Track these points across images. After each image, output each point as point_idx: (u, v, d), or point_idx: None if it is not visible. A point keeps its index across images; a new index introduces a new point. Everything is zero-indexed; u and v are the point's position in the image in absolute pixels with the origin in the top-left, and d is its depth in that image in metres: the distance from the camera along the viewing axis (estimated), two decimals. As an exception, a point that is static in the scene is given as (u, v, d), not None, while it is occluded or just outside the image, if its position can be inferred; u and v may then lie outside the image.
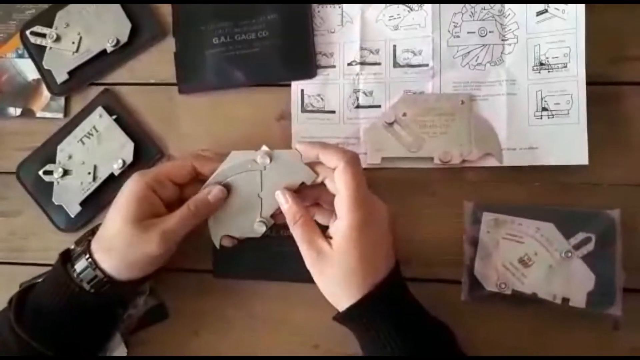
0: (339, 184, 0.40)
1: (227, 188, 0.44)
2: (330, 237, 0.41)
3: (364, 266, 0.39)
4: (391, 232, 0.42)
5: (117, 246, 0.42)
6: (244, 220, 0.44)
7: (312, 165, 0.43)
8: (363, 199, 0.40)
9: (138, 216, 0.42)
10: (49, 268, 0.46)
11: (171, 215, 0.42)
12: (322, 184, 0.43)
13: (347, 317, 0.41)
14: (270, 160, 0.43)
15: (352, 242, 0.39)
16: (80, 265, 0.42)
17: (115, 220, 0.42)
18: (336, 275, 0.40)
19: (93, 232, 0.45)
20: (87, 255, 0.42)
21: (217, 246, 0.45)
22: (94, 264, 0.42)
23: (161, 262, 0.44)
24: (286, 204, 0.42)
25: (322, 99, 0.51)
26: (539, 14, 0.48)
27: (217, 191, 0.43)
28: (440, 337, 0.41)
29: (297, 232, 0.41)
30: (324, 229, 0.42)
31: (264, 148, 0.43)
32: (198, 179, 0.45)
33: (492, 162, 0.48)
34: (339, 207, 0.40)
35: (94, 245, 0.43)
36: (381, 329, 0.39)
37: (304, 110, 0.51)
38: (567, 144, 0.47)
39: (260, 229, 0.44)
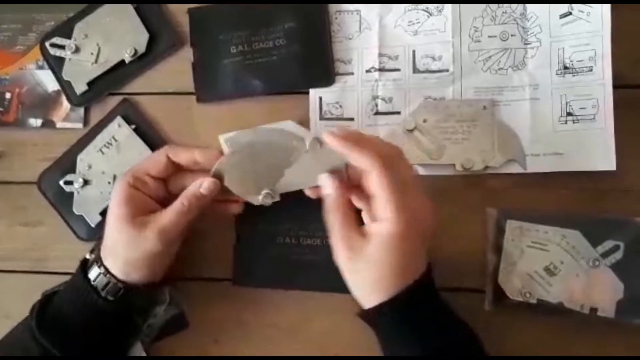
0: (377, 190, 0.37)
1: (259, 147, 0.42)
2: (366, 232, 0.39)
3: (397, 272, 0.38)
4: (433, 230, 0.40)
5: (118, 249, 0.42)
6: (253, 185, 0.43)
7: None
8: (405, 204, 0.37)
9: (128, 216, 0.42)
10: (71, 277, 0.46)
11: (166, 211, 0.42)
12: None
13: (371, 316, 0.40)
14: (320, 146, 0.41)
15: (391, 251, 0.37)
16: (93, 273, 0.43)
17: (110, 225, 0.43)
18: (366, 274, 0.38)
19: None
20: (99, 263, 0.43)
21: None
22: (106, 271, 0.42)
23: (167, 259, 0.45)
24: (330, 190, 0.41)
25: (340, 106, 0.51)
26: (562, 16, 0.47)
27: (209, 183, 0.43)
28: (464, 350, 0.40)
29: (334, 223, 0.40)
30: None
31: (317, 135, 0.42)
32: (180, 171, 0.45)
33: (515, 169, 0.47)
34: (379, 210, 0.38)
35: (103, 252, 0.43)
36: (403, 333, 0.39)
37: (322, 117, 0.51)
38: (593, 149, 0.46)
39: (265, 200, 0.43)
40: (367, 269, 0.38)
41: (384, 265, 0.38)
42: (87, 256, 0.46)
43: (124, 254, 0.42)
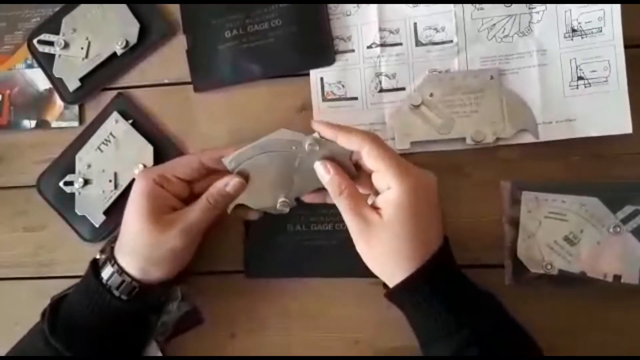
0: (374, 162, 0.38)
1: (263, 160, 0.42)
2: (378, 209, 0.38)
3: (417, 235, 0.37)
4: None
5: (139, 247, 0.41)
6: (267, 196, 0.43)
7: None
8: (407, 166, 0.38)
9: (153, 213, 0.41)
10: (79, 280, 0.45)
11: (190, 209, 0.42)
12: None
13: (401, 292, 0.39)
14: (318, 148, 0.41)
15: (405, 210, 0.37)
16: (106, 272, 0.42)
17: (132, 221, 0.42)
18: (387, 247, 0.38)
19: (116, 238, 0.44)
20: (112, 262, 0.42)
21: (229, 212, 0.43)
22: (120, 269, 0.42)
23: (187, 256, 0.44)
24: (328, 175, 0.40)
25: (342, 86, 0.49)
26: (568, -25, 0.45)
27: (235, 182, 0.42)
28: (489, 310, 0.40)
29: (342, 203, 0.39)
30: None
31: (315, 135, 0.41)
32: (208, 175, 0.44)
33: (527, 139, 0.46)
34: (383, 180, 0.38)
35: (117, 251, 0.43)
36: (434, 304, 0.38)
37: (325, 99, 0.49)
38: (607, 112, 0.44)
39: (284, 209, 0.43)
40: (387, 241, 0.38)
41: (402, 233, 0.37)
42: (97, 256, 0.45)
43: (145, 252, 0.41)
